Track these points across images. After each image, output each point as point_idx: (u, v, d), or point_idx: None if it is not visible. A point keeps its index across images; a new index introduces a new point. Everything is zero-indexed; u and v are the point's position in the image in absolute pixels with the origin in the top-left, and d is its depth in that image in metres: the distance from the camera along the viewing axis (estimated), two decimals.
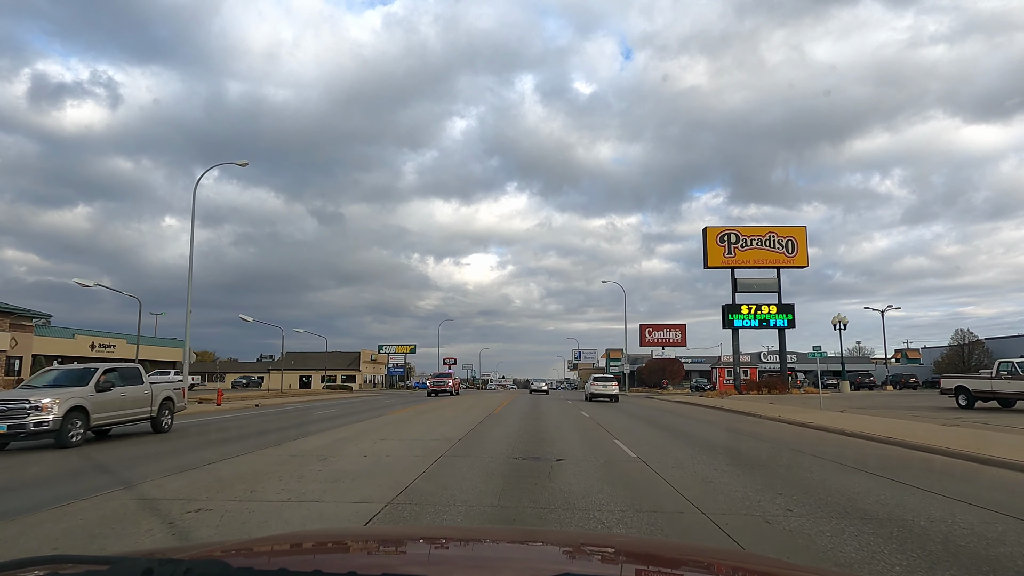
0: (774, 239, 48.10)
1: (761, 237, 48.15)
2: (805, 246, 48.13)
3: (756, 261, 48.13)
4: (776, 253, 47.99)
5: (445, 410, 25.82)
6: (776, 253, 47.99)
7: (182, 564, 1.14)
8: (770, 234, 48.24)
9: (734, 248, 47.95)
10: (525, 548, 2.16)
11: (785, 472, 9.40)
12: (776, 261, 48.10)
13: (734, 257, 47.97)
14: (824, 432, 16.16)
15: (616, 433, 15.40)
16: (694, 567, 1.85)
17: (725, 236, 48.27)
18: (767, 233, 48.28)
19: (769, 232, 48.33)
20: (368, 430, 15.95)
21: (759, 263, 48.22)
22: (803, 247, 48.07)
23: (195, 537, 5.62)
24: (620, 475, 9.05)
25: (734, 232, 48.52)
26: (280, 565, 1.61)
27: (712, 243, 48.08)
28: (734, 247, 47.97)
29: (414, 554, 1.95)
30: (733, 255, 47.94)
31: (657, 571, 1.82)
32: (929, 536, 5.55)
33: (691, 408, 30.27)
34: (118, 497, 7.33)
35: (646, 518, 6.32)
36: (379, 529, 5.31)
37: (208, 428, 17.73)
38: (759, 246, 47.96)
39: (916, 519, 6.19)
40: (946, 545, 5.26)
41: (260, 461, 10.25)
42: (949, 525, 5.95)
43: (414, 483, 8.10)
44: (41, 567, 1.32)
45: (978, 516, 6.34)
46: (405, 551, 1.98)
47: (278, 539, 2.56)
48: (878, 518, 6.24)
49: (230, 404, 31.68)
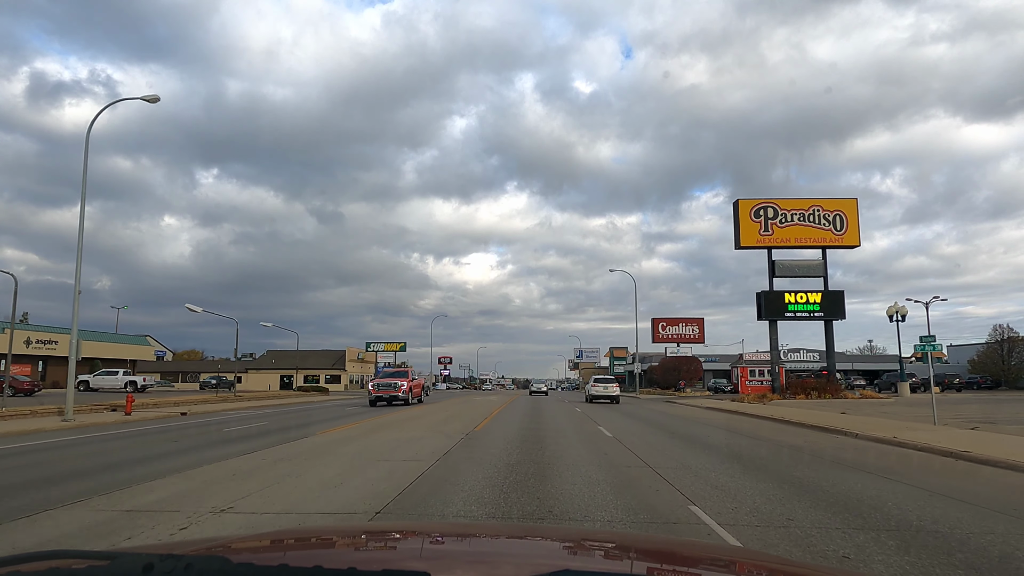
0: (819, 213, 40.58)
1: (804, 211, 40.62)
2: (856, 222, 40.59)
3: (798, 240, 40.66)
4: (822, 230, 40.50)
5: (390, 430, 16.94)
6: (822, 230, 40.50)
7: (183, 559, 1.13)
8: (814, 207, 40.72)
9: (771, 224, 40.46)
10: (526, 544, 2.15)
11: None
12: (822, 239, 40.61)
13: (772, 235, 40.47)
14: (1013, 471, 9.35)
15: (678, 479, 7.98)
16: (696, 564, 1.84)
17: (761, 210, 40.75)
18: (811, 207, 40.76)
19: (813, 205, 40.81)
20: (216, 481, 8.56)
21: (801, 242, 40.75)
22: (853, 223, 40.52)
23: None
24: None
25: (772, 205, 40.99)
26: (281, 560, 1.69)
27: (745, 218, 40.57)
28: (771, 223, 40.48)
29: (415, 549, 1.95)
30: (771, 232, 40.45)
31: (659, 567, 1.78)
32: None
33: (734, 418, 22.96)
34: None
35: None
36: (380, 524, 5.52)
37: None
38: (801, 222, 40.47)
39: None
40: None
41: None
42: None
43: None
44: (41, 562, 1.24)
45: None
46: (406, 546, 1.99)
47: (279, 535, 2.50)
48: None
49: (147, 413, 24.38)
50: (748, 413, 25.04)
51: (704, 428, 18.49)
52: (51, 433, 16.29)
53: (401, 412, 25.96)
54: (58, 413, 21.63)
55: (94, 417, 21.48)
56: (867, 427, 17.04)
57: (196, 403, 31.77)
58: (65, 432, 16.72)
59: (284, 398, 45.49)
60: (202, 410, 27.06)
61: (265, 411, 27.67)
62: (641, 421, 21.25)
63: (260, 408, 30.48)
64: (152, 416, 23.18)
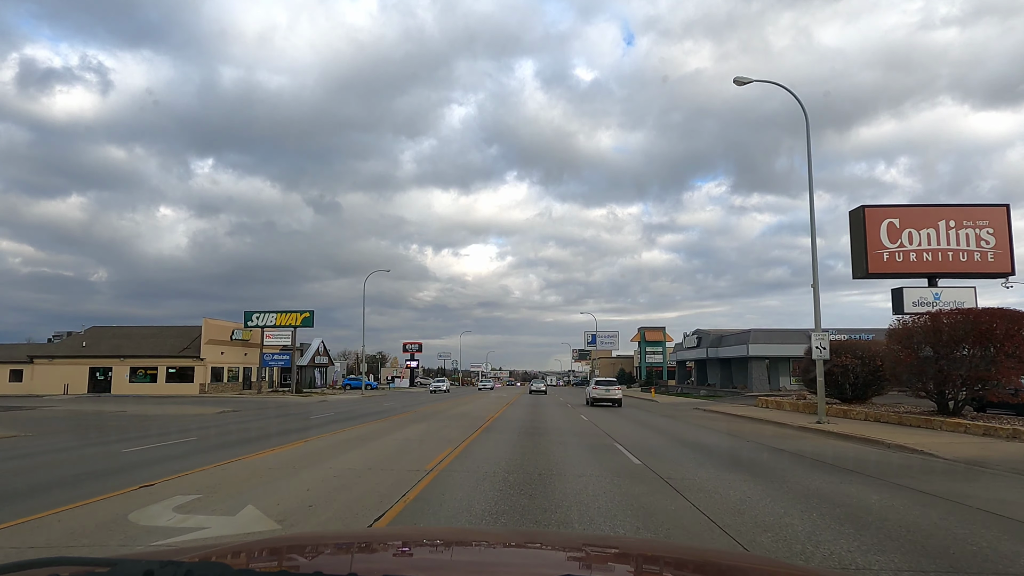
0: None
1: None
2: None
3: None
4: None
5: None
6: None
7: (183, 566, 1.12)
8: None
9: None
10: (526, 549, 2.13)
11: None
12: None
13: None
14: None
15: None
16: (696, 568, 1.83)
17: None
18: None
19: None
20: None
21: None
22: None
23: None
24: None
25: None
26: (280, 567, 1.67)
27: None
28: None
29: (415, 555, 1.91)
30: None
31: (659, 573, 1.78)
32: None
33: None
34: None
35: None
36: (380, 531, 5.41)
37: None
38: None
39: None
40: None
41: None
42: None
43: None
44: (42, 568, 1.23)
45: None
46: (406, 552, 1.95)
47: (278, 541, 2.41)
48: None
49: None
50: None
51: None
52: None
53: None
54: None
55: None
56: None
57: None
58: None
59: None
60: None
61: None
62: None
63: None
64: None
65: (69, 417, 27.09)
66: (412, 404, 39.64)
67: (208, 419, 25.31)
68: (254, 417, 27.06)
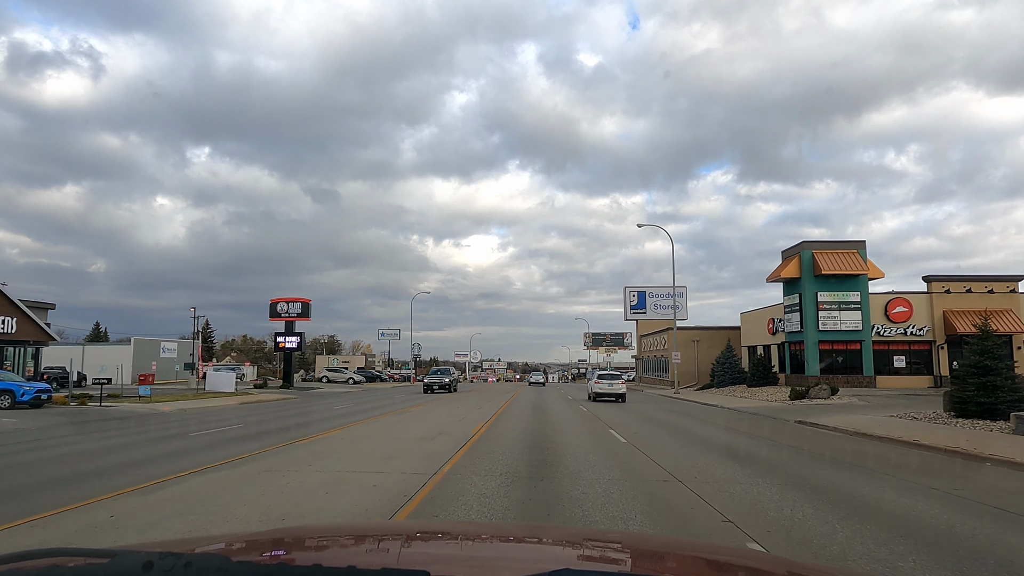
0: None
1: None
2: None
3: None
4: None
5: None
6: None
7: (182, 557, 1.12)
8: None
9: None
10: (527, 542, 2.11)
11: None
12: None
13: None
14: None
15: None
16: (698, 564, 1.81)
17: None
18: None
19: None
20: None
21: None
22: None
23: None
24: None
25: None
26: (280, 559, 1.66)
27: None
28: None
29: (415, 548, 1.90)
30: None
31: (661, 567, 1.76)
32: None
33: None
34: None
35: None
36: (380, 523, 5.43)
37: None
38: None
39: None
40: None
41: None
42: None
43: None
44: (41, 559, 1.23)
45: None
46: (406, 545, 1.93)
47: (279, 533, 2.41)
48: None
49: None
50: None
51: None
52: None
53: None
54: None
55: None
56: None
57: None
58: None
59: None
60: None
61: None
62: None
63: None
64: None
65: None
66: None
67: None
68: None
